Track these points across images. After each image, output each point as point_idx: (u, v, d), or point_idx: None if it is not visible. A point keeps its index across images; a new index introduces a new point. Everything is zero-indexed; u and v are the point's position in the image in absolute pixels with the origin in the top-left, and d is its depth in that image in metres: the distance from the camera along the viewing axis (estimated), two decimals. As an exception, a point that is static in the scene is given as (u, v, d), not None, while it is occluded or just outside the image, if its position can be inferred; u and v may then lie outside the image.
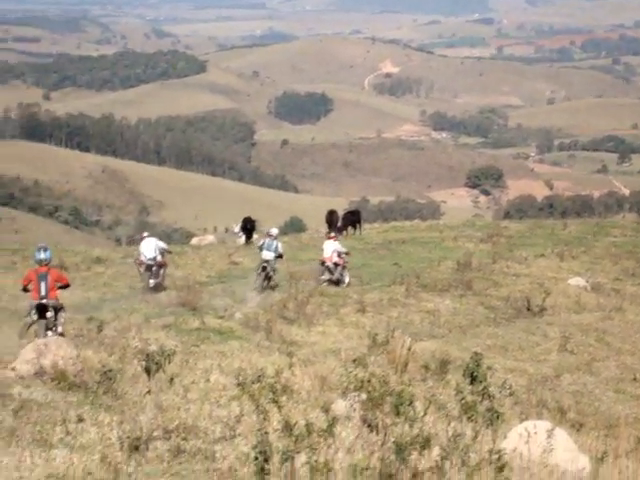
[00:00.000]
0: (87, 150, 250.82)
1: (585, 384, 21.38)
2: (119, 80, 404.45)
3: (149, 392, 13.05)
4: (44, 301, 18.46)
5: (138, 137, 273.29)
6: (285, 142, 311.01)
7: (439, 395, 14.20)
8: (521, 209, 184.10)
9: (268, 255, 30.96)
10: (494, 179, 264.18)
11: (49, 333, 18.14)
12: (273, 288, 30.93)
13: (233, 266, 37.47)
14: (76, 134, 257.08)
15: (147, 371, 13.88)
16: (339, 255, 32.50)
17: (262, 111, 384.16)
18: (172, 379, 14.09)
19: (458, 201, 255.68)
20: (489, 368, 9.99)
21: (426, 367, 19.58)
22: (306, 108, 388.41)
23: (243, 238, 46.06)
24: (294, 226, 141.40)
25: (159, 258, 30.65)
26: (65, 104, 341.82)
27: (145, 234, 32.37)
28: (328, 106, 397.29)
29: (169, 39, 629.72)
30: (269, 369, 19.59)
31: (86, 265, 35.31)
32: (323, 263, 32.44)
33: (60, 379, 13.32)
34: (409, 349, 20.28)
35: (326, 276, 32.22)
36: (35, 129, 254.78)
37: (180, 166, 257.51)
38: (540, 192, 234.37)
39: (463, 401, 9.85)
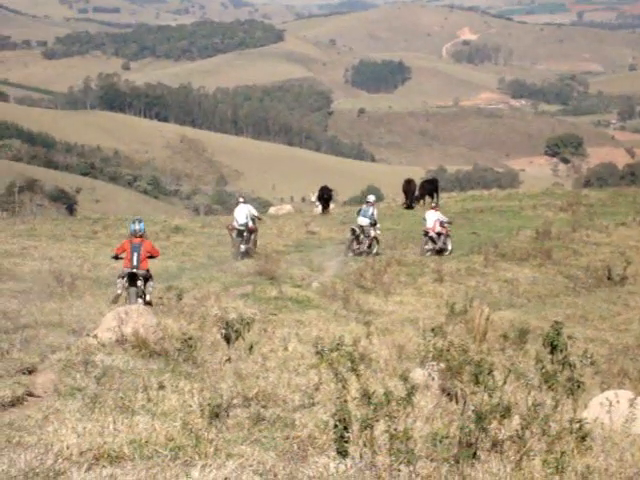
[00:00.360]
0: (165, 120, 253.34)
1: (667, 355, 21.05)
2: (197, 50, 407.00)
3: (229, 360, 13.15)
4: (135, 270, 19.42)
5: (216, 107, 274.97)
6: (362, 111, 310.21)
7: (518, 364, 14.07)
8: (602, 177, 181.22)
9: (363, 221, 31.68)
10: (574, 147, 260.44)
11: (139, 300, 19.03)
12: (368, 254, 31.22)
13: (310, 235, 37.52)
14: (155, 104, 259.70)
15: (226, 339, 13.99)
16: (442, 224, 32.94)
17: (339, 80, 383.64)
18: (251, 347, 14.17)
19: (537, 169, 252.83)
20: (569, 337, 9.87)
21: (505, 336, 19.40)
22: (383, 77, 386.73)
23: (320, 207, 46.00)
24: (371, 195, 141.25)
25: (250, 224, 31.00)
26: (144, 74, 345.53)
27: (241, 199, 32.63)
28: (405, 74, 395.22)
29: (247, 8, 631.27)
30: (347, 338, 19.56)
31: (165, 234, 35.60)
32: (427, 233, 32.80)
33: (141, 347, 13.47)
34: (487, 318, 20.13)
35: (429, 245, 32.67)
36: (114, 99, 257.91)
37: (257, 136, 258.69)
38: (621, 160, 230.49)
39: (543, 370, 9.77)
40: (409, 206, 46.28)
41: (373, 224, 31.85)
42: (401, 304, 24.64)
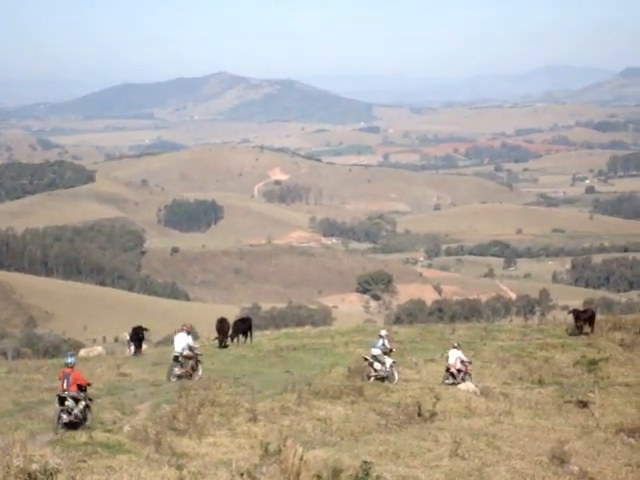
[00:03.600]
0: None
1: (477, 490, 21.42)
2: (5, 191, 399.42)
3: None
4: (65, 393, 24.55)
5: (25, 248, 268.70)
6: (175, 250, 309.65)
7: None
8: (411, 313, 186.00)
9: (375, 351, 35.97)
10: (384, 284, 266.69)
11: (63, 417, 24.50)
12: (386, 379, 35.24)
13: (122, 377, 36.81)
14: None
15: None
16: (462, 362, 36.36)
17: (152, 219, 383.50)
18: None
19: (349, 306, 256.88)
20: (378, 477, 9.99)
21: (319, 476, 19.39)
22: (196, 216, 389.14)
23: (133, 348, 45.37)
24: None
25: (186, 352, 35.49)
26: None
27: (184, 328, 36.64)
28: (218, 214, 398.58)
29: (56, 150, 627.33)
30: (159, 484, 19.25)
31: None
32: (448, 369, 36.26)
33: None
34: (301, 458, 20.10)
35: (450, 380, 35.84)
36: None
37: (68, 276, 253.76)
38: (429, 296, 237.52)
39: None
40: (223, 345, 46.21)
41: (386, 352, 36.10)
42: (215, 446, 24.41)
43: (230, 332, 46.93)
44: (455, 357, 36.32)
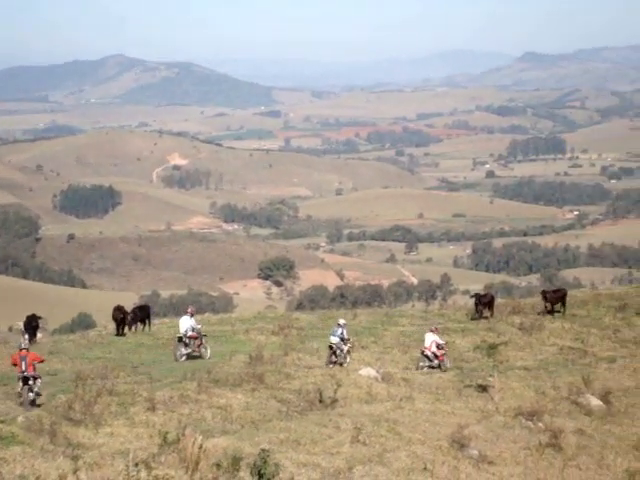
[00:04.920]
0: None
1: (377, 476, 21.44)
2: None
3: None
4: (25, 373, 27.64)
5: None
6: (71, 237, 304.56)
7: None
8: (313, 299, 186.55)
9: (333, 339, 36.60)
10: (286, 270, 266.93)
11: (30, 395, 27.29)
12: (341, 364, 36.00)
13: (15, 367, 35.87)
14: None
15: None
16: (438, 346, 37.18)
17: (47, 205, 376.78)
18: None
19: (251, 293, 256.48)
20: (276, 465, 9.75)
21: (218, 465, 19.18)
22: (93, 202, 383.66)
23: (27, 337, 44.30)
24: (83, 323, 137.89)
25: (190, 333, 37.98)
26: None
27: (188, 310, 39.89)
28: (116, 199, 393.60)
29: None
30: (52, 475, 18.81)
31: None
32: (422, 352, 37.34)
33: None
34: (200, 447, 19.91)
35: (425, 362, 37.08)
36: None
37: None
38: (332, 282, 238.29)
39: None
40: (121, 333, 45.57)
41: (343, 340, 36.69)
42: (112, 436, 24.07)
43: (128, 320, 46.31)
44: (431, 340, 37.11)
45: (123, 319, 45.97)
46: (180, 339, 37.92)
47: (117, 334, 45.59)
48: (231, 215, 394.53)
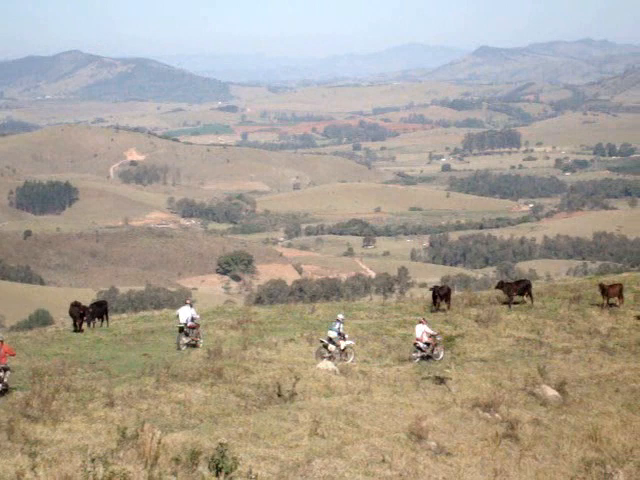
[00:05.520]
0: None
1: (336, 468, 21.53)
2: None
3: None
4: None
5: None
6: (28, 233, 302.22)
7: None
8: (272, 294, 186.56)
9: (331, 334, 37.04)
10: (244, 265, 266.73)
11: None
12: (345, 362, 36.08)
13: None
14: None
15: None
16: (430, 336, 37.46)
17: (3, 202, 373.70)
18: None
19: (209, 288, 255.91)
20: (235, 458, 9.83)
21: (177, 460, 19.23)
22: (50, 198, 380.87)
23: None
24: (40, 319, 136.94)
25: (190, 323, 39.11)
26: None
27: (187, 301, 41.31)
28: (73, 195, 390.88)
29: None
30: (10, 471, 18.77)
31: None
32: (415, 344, 37.57)
33: None
34: (159, 442, 19.93)
35: (418, 353, 37.34)
36: None
37: None
38: (290, 276, 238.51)
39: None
40: (79, 329, 45.40)
41: (340, 335, 37.00)
42: (70, 432, 23.99)
43: (86, 316, 46.16)
44: (421, 331, 37.40)
45: (82, 315, 45.82)
46: (181, 329, 39.15)
47: (75, 330, 45.43)
48: (189, 210, 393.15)
